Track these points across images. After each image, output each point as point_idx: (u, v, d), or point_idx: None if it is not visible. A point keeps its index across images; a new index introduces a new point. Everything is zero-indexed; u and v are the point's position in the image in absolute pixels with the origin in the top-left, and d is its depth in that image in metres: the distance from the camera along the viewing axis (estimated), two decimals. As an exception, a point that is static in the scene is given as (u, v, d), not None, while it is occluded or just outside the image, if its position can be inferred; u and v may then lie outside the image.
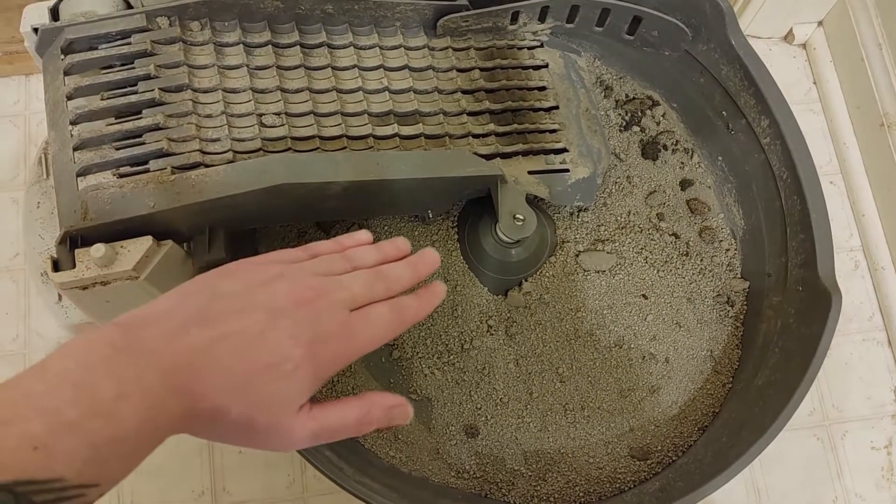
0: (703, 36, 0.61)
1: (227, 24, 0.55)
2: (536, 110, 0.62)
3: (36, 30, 0.51)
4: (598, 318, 0.61)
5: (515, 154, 0.60)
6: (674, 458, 0.58)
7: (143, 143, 0.49)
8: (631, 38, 0.64)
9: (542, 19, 0.63)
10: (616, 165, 0.66)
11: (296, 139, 0.53)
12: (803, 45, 0.85)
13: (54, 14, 0.52)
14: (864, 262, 0.77)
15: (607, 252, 0.63)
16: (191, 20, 0.54)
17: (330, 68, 0.57)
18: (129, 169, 0.49)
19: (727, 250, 0.65)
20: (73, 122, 0.49)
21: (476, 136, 0.59)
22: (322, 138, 0.54)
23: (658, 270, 0.63)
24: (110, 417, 0.28)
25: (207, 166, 0.49)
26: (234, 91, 0.53)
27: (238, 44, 0.55)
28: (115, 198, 0.47)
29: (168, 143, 0.49)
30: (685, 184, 0.66)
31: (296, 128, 0.53)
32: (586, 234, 0.64)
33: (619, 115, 0.68)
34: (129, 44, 0.52)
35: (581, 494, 0.57)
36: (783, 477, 0.69)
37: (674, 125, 0.68)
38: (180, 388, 0.31)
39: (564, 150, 0.62)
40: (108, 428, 0.28)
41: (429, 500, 0.54)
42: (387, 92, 0.58)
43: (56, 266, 0.47)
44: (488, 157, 0.58)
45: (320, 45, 0.57)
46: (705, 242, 0.65)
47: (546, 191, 0.60)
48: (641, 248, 0.64)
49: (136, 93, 0.50)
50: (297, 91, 0.55)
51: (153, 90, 0.50)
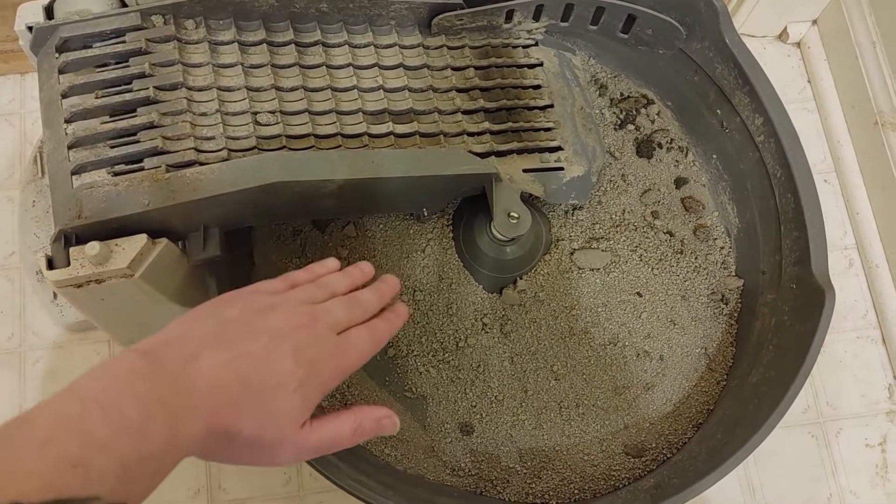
0: (698, 34, 0.61)
1: (221, 22, 0.55)
2: (531, 108, 0.62)
3: (30, 28, 0.51)
4: (592, 316, 0.62)
5: (510, 152, 0.60)
6: (668, 456, 0.59)
7: (138, 142, 0.49)
8: (625, 36, 0.64)
9: (536, 18, 0.63)
10: (611, 164, 0.66)
11: (291, 137, 0.53)
12: (797, 44, 0.85)
13: (49, 12, 0.52)
14: (858, 260, 0.77)
15: (602, 250, 0.63)
16: (185, 18, 0.54)
17: (325, 67, 0.57)
18: (123, 167, 0.48)
19: (721, 248, 0.65)
20: (68, 121, 0.49)
21: (471, 134, 0.59)
22: (317, 137, 0.54)
23: (652, 268, 0.64)
24: (138, 437, 0.30)
25: (202, 164, 0.49)
26: (229, 89, 0.53)
27: (233, 42, 0.55)
28: (109, 196, 0.47)
29: (163, 141, 0.49)
30: (680, 182, 0.67)
31: (291, 126, 0.54)
32: (581, 232, 0.64)
33: (614, 113, 0.68)
34: (124, 42, 0.52)
35: (576, 492, 0.57)
36: (778, 474, 0.69)
37: (668, 123, 0.68)
38: (200, 409, 0.33)
39: (559, 148, 0.62)
40: (136, 447, 0.30)
41: (424, 498, 0.54)
42: (382, 90, 0.58)
43: (51, 264, 0.47)
44: (483, 155, 0.58)
45: (315, 44, 0.57)
46: (700, 240, 0.65)
47: (541, 189, 0.60)
48: (636, 246, 0.64)
49: (131, 91, 0.50)
50: (292, 89, 0.55)
51: (148, 88, 0.50)
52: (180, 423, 0.32)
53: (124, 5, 0.54)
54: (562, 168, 0.61)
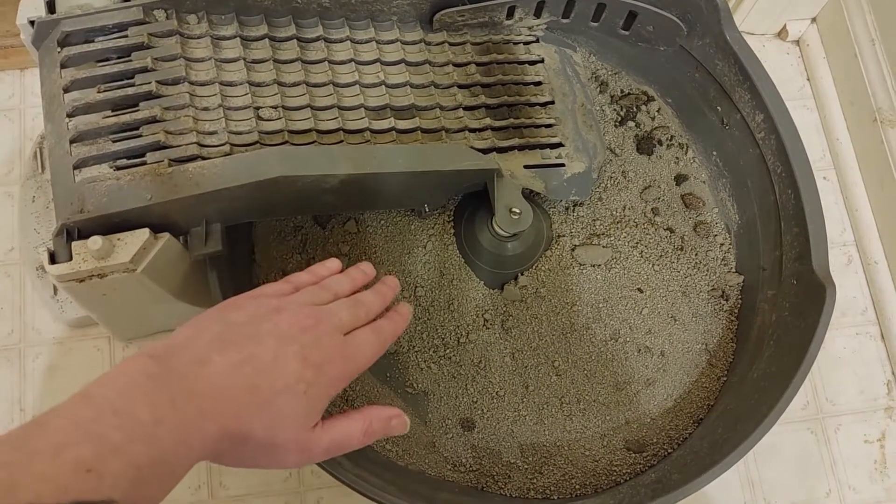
0: (698, 31, 0.62)
1: (223, 17, 0.55)
2: (532, 105, 0.62)
3: (32, 22, 0.51)
4: (593, 312, 0.62)
5: (511, 149, 0.60)
6: (669, 451, 0.59)
7: (140, 136, 0.49)
8: (626, 33, 0.64)
9: (537, 15, 0.63)
10: (611, 160, 0.66)
11: (293, 132, 0.53)
12: (797, 42, 0.85)
13: (51, 7, 0.52)
14: (857, 256, 0.77)
15: (603, 246, 0.63)
16: (188, 13, 0.54)
17: (326, 62, 0.57)
18: (125, 161, 0.48)
19: (722, 245, 0.65)
20: (70, 115, 0.49)
21: (472, 130, 0.59)
22: (319, 132, 0.54)
23: (653, 265, 0.64)
24: (150, 441, 0.30)
25: (204, 159, 0.49)
26: (231, 84, 0.53)
27: (235, 37, 0.55)
28: (111, 190, 0.47)
29: (165, 135, 0.49)
30: (680, 179, 0.67)
31: (293, 121, 0.54)
32: (582, 228, 0.64)
33: (615, 110, 0.68)
34: (126, 36, 0.52)
35: (577, 487, 0.57)
36: (777, 470, 0.69)
37: (669, 120, 0.68)
38: (211, 412, 0.33)
39: (560, 144, 0.62)
40: (148, 451, 0.30)
41: (426, 494, 0.54)
42: (383, 86, 0.58)
43: (53, 258, 0.47)
44: (485, 151, 0.58)
45: (317, 39, 0.58)
46: (700, 237, 0.65)
47: (542, 185, 0.60)
48: (637, 243, 0.64)
49: (133, 85, 0.50)
50: (294, 84, 0.55)
51: (150, 83, 0.50)
52: (192, 427, 0.32)
53: (126, 0, 0.54)
54: (563, 164, 0.61)
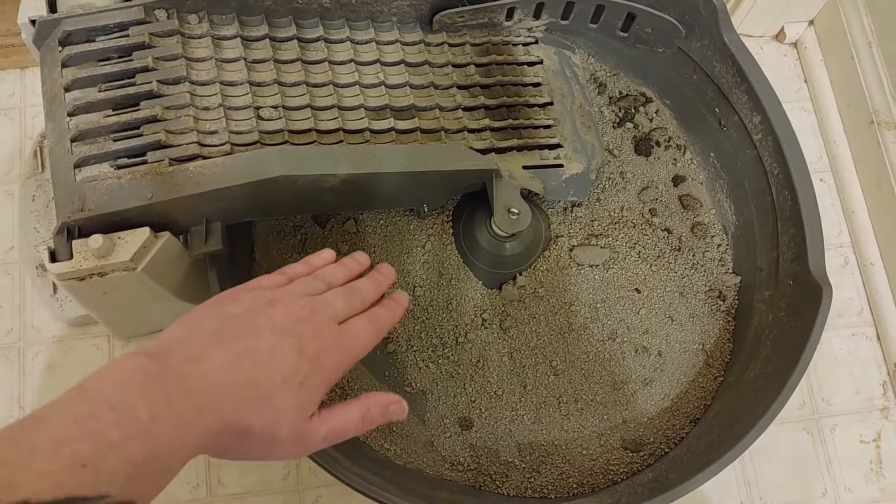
0: (697, 33, 0.62)
1: (224, 17, 0.55)
2: (531, 106, 0.63)
3: (33, 22, 0.51)
4: (591, 312, 0.62)
5: (510, 149, 0.60)
6: (666, 450, 0.59)
7: (141, 135, 0.49)
8: (625, 35, 0.65)
9: (536, 16, 0.64)
10: (609, 161, 0.66)
11: (293, 132, 0.53)
12: (794, 44, 0.85)
13: (52, 6, 0.52)
14: (853, 258, 0.78)
15: (601, 247, 0.64)
16: (189, 13, 0.54)
17: (327, 62, 0.57)
18: (126, 160, 0.49)
19: (719, 245, 0.66)
20: (71, 114, 0.49)
21: (471, 130, 0.60)
22: (319, 132, 0.54)
23: (651, 265, 0.64)
24: (146, 437, 0.30)
25: (205, 158, 0.49)
26: (232, 84, 0.54)
27: (235, 37, 0.55)
28: (112, 189, 0.47)
29: (166, 134, 0.49)
30: (677, 180, 0.67)
31: (293, 121, 0.54)
32: (580, 228, 0.64)
33: (613, 111, 0.68)
34: (127, 36, 0.52)
35: (574, 486, 0.57)
36: (773, 469, 0.70)
37: (667, 122, 0.68)
38: (209, 408, 0.33)
39: (558, 145, 0.62)
40: (144, 447, 0.30)
41: (424, 493, 0.55)
42: (383, 86, 0.58)
43: (53, 257, 0.47)
44: (483, 151, 0.59)
45: (317, 40, 0.58)
46: (697, 238, 0.66)
47: (540, 186, 0.61)
48: (634, 243, 0.64)
49: (134, 85, 0.51)
50: (295, 84, 0.55)
51: (151, 82, 0.51)
52: (189, 424, 0.32)
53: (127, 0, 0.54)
54: (561, 165, 0.62)
